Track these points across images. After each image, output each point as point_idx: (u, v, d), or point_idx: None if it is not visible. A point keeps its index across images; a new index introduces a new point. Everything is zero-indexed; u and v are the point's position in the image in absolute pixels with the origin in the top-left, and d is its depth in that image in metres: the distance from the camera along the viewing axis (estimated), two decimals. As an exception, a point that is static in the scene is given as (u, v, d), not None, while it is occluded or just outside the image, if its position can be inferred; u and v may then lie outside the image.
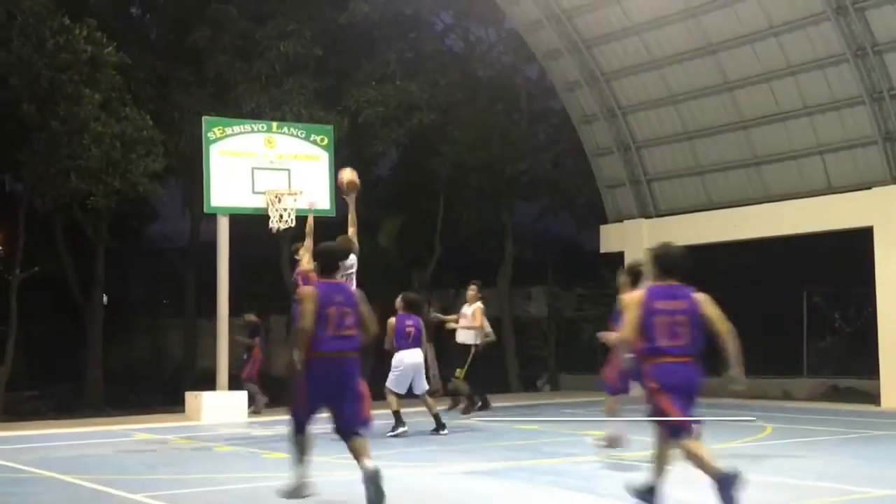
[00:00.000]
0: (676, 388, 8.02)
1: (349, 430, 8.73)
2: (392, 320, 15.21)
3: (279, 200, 18.44)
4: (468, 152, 26.23)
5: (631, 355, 8.44)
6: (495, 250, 28.92)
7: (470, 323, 17.65)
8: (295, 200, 18.55)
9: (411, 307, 15.43)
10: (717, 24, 21.59)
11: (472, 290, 17.84)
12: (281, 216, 18.41)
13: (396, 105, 25.23)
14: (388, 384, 14.98)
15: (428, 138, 26.67)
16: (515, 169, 27.75)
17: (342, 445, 8.85)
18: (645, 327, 8.03)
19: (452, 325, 17.77)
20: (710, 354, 8.32)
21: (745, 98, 21.99)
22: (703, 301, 8.16)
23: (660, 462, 8.36)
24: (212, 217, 19.69)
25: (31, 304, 25.23)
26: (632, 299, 8.33)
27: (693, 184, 23.63)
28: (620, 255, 24.53)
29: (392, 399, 14.89)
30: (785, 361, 23.73)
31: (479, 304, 17.68)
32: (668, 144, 23.80)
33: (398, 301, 15.41)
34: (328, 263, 9.18)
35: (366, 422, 9.11)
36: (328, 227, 26.44)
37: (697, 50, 22.17)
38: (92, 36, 21.46)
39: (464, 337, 17.65)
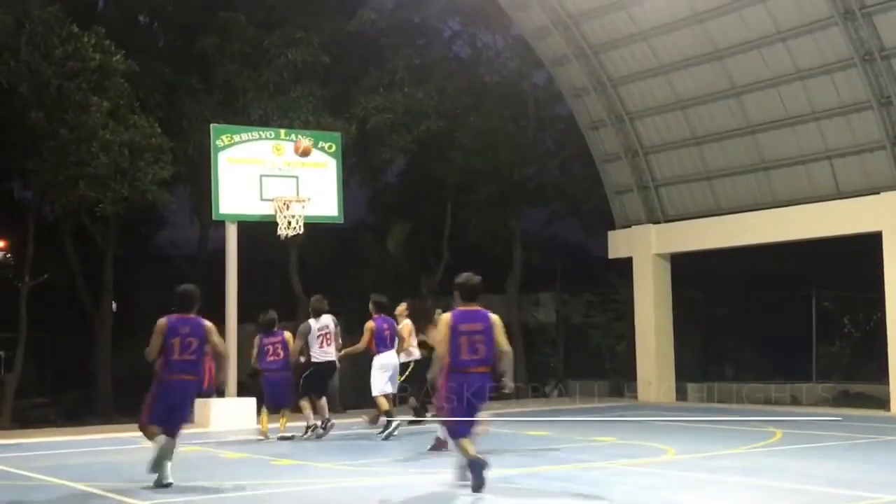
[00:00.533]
0: (472, 394, 9.65)
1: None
2: (371, 324, 15.29)
3: (287, 207, 18.48)
4: (475, 158, 26.24)
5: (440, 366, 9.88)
6: (503, 256, 28.90)
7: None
8: (303, 207, 18.58)
9: (382, 309, 15.61)
10: (724, 30, 21.57)
11: (401, 307, 17.11)
12: (289, 223, 18.45)
13: (404, 112, 25.28)
14: (377, 390, 15.18)
15: (435, 145, 26.69)
16: (523, 175, 27.73)
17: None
18: (451, 344, 9.62)
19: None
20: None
21: (753, 103, 21.96)
22: (496, 323, 9.75)
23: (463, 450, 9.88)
24: (220, 224, 19.72)
25: (40, 311, 25.27)
26: (442, 321, 9.85)
27: (701, 189, 23.60)
28: (629, 261, 24.54)
29: (382, 401, 15.01)
30: (794, 366, 23.67)
31: (406, 322, 17.11)
32: (675, 150, 23.77)
33: (371, 304, 15.55)
34: (186, 303, 10.80)
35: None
36: (334, 232, 26.53)
37: (705, 55, 22.14)
38: (100, 44, 21.54)
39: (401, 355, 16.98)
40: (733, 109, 22.32)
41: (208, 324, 10.56)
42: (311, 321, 15.10)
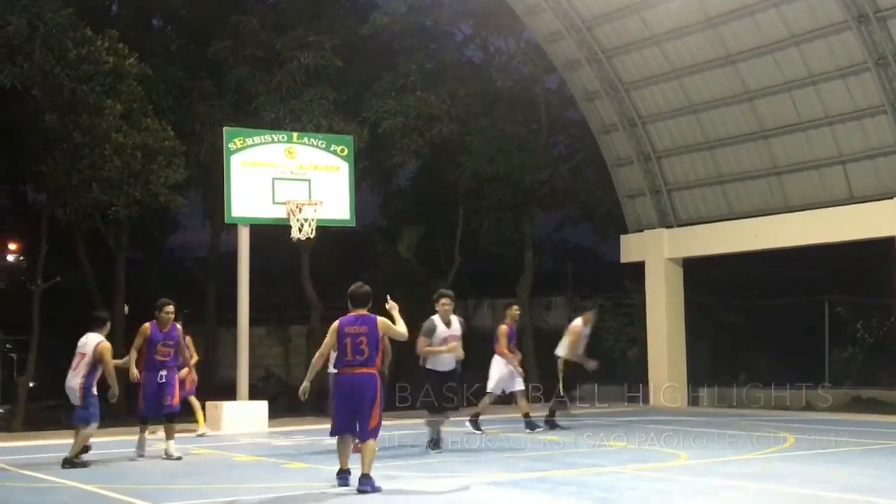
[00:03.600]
0: (350, 395, 10.29)
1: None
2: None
3: (300, 210, 18.51)
4: (487, 162, 26.22)
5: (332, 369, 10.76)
6: (515, 260, 28.86)
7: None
8: (315, 211, 18.60)
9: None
10: (736, 34, 21.52)
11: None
12: (301, 226, 18.47)
13: (416, 116, 25.25)
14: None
15: (447, 149, 26.68)
16: (535, 179, 27.69)
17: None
18: (338, 346, 10.39)
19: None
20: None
21: (765, 107, 21.91)
22: (381, 325, 10.45)
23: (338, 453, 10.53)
24: (232, 227, 19.76)
25: (52, 313, 25.31)
26: (332, 327, 10.56)
27: (713, 193, 23.55)
28: (641, 265, 24.49)
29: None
30: (807, 372, 23.59)
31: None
32: (688, 154, 23.73)
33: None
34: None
35: None
36: (345, 236, 26.51)
37: (717, 60, 22.10)
38: (114, 47, 21.56)
39: None
40: (746, 114, 22.27)
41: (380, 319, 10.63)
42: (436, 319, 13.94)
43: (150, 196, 22.07)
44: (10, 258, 31.82)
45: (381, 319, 10.52)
